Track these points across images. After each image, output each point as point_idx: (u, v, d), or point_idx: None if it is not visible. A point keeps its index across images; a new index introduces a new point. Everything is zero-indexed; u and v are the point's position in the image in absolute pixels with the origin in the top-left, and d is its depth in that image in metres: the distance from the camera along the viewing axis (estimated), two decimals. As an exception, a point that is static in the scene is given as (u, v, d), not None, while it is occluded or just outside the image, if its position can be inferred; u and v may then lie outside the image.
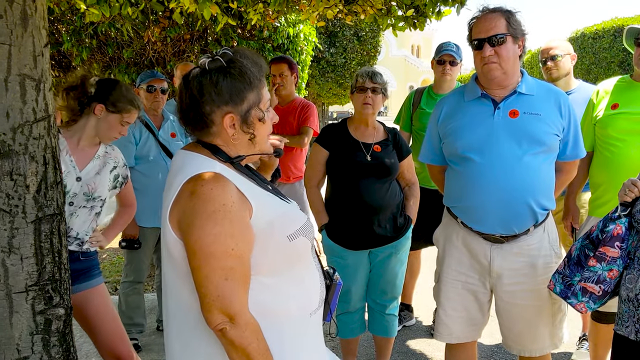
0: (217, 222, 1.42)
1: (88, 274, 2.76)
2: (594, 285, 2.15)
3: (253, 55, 1.61)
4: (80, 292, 2.67)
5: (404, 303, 4.37)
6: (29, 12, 1.93)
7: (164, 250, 1.57)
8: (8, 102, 1.90)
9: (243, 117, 1.56)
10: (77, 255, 2.70)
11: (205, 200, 1.43)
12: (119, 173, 2.88)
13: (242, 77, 1.54)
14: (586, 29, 16.75)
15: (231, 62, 1.55)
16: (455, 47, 4.15)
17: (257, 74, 1.57)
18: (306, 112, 4.43)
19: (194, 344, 1.53)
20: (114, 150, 2.90)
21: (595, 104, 3.13)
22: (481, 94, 2.53)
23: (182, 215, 1.45)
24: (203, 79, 1.54)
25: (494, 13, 2.44)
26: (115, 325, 2.80)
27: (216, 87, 1.52)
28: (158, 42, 5.79)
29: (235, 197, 1.47)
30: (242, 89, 1.54)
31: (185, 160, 1.56)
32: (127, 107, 2.73)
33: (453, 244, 2.65)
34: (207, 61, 1.55)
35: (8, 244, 1.93)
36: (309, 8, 4.07)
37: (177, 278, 1.53)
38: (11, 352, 1.97)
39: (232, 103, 1.54)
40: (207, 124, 1.56)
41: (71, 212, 2.67)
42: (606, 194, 2.98)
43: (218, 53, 1.57)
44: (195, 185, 1.45)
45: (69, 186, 2.63)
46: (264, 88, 1.62)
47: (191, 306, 1.50)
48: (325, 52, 15.30)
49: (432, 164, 2.83)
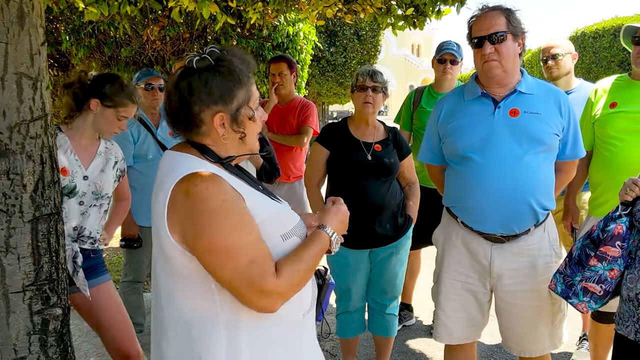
0: (224, 216, 1.41)
1: (96, 271, 2.79)
2: (595, 285, 2.14)
3: (241, 52, 1.59)
4: (89, 289, 2.68)
5: (404, 303, 4.36)
6: (25, 10, 1.92)
7: (158, 251, 1.54)
8: (4, 101, 1.89)
9: (233, 116, 1.54)
10: (88, 253, 2.73)
11: (203, 199, 1.41)
12: (119, 168, 2.91)
13: (231, 76, 1.53)
14: (586, 28, 16.76)
15: (220, 61, 1.53)
16: (456, 46, 4.14)
17: (245, 72, 1.56)
18: (306, 112, 4.42)
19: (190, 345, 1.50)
20: (114, 145, 2.91)
21: (594, 102, 3.12)
22: (481, 93, 2.52)
23: (182, 219, 1.43)
24: (192, 78, 1.52)
25: (494, 11, 2.43)
26: (124, 322, 2.81)
27: (206, 87, 1.50)
28: (157, 41, 5.78)
29: (231, 190, 1.46)
30: (232, 87, 1.53)
31: (175, 161, 1.54)
32: (123, 102, 2.69)
33: (453, 244, 2.64)
34: (194, 60, 1.53)
35: (5, 243, 1.92)
36: (308, 7, 4.05)
37: (170, 277, 1.52)
38: (8, 353, 1.96)
39: (222, 102, 1.52)
40: (196, 123, 1.54)
41: (82, 212, 2.70)
42: (605, 193, 2.97)
43: (205, 51, 1.55)
44: (189, 186, 1.43)
45: (78, 186, 2.65)
46: (253, 85, 1.60)
47: (182, 307, 1.49)
48: (325, 51, 15.29)
49: (432, 163, 2.82)
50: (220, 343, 1.46)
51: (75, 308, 2.77)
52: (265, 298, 1.41)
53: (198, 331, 1.48)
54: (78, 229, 2.69)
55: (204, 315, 1.48)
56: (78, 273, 2.62)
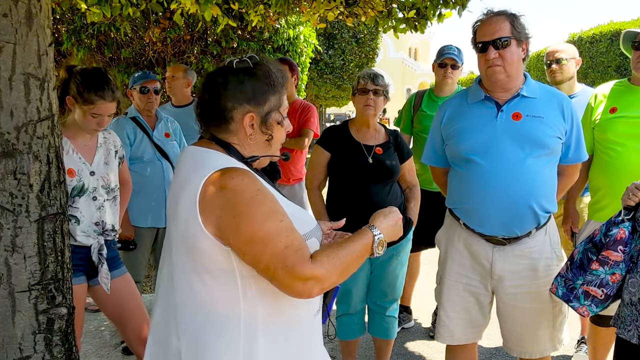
0: (261, 204, 1.44)
1: (116, 263, 2.83)
2: (596, 288, 2.16)
3: (277, 63, 1.67)
4: (114, 279, 2.74)
5: (403, 305, 4.37)
6: (34, 11, 1.94)
7: (180, 246, 1.53)
8: (12, 101, 1.90)
9: (263, 118, 1.59)
10: (109, 244, 2.78)
11: (240, 191, 1.44)
12: (119, 155, 2.94)
13: (266, 80, 1.59)
14: (583, 33, 16.80)
15: (257, 65, 1.60)
16: (457, 50, 4.16)
17: (280, 80, 1.62)
18: (306, 114, 4.43)
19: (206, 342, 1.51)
20: (111, 134, 2.93)
21: (594, 107, 3.14)
22: (484, 97, 2.54)
23: (218, 212, 1.44)
24: (230, 75, 1.58)
25: (499, 16, 2.45)
26: (142, 310, 2.87)
27: (241, 85, 1.56)
28: (158, 43, 5.79)
29: (262, 182, 1.51)
30: (266, 90, 1.59)
31: (202, 157, 1.57)
32: (90, 98, 2.60)
33: (455, 246, 2.66)
34: (235, 61, 1.60)
35: (11, 243, 1.93)
36: (309, 10, 4.07)
37: (192, 273, 1.51)
38: (13, 351, 1.96)
39: (254, 102, 1.57)
40: (226, 119, 1.58)
41: (98, 207, 2.73)
42: (605, 197, 2.99)
43: (245, 56, 1.61)
44: (224, 180, 1.45)
45: (86, 183, 2.67)
46: (285, 95, 1.66)
47: (202, 303, 1.50)
48: (324, 54, 15.32)
49: (435, 165, 2.84)
50: (238, 340, 1.48)
51: (96, 300, 2.82)
52: (302, 283, 1.43)
53: (216, 328, 1.48)
54: (100, 224, 2.73)
55: (224, 312, 1.49)
56: (102, 265, 2.66)
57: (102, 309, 2.88)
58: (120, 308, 2.79)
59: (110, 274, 2.71)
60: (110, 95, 2.66)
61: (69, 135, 2.68)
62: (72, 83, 2.64)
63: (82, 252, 2.67)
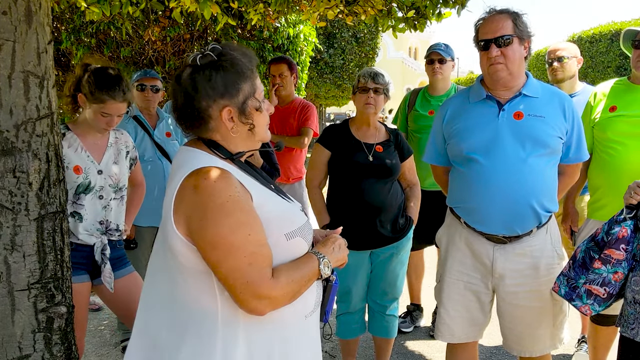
0: (229, 213, 1.42)
1: (122, 262, 2.84)
2: (599, 287, 2.15)
3: (241, 47, 1.62)
4: (120, 279, 2.74)
5: (414, 303, 4.38)
6: (33, 9, 1.93)
7: (160, 244, 1.55)
8: (11, 99, 1.89)
9: (240, 108, 1.56)
10: (114, 244, 2.78)
11: (211, 194, 1.42)
12: (131, 157, 2.93)
13: (234, 69, 1.54)
14: (583, 33, 16.79)
15: (222, 56, 1.55)
16: (444, 46, 4.16)
17: (248, 65, 1.58)
18: (306, 113, 4.42)
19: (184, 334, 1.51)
20: (123, 135, 2.92)
21: (593, 106, 3.13)
22: (486, 96, 2.54)
23: (189, 212, 1.44)
24: (196, 75, 1.53)
25: (501, 14, 2.45)
26: None
27: (210, 81, 1.52)
28: (158, 42, 5.79)
29: (239, 187, 1.47)
30: (236, 80, 1.55)
31: (186, 156, 1.56)
32: (101, 97, 2.61)
33: (456, 245, 2.65)
34: (197, 57, 1.55)
35: (11, 241, 1.92)
36: (309, 8, 4.06)
37: (172, 271, 1.53)
38: (13, 350, 1.96)
39: (227, 95, 1.54)
40: (204, 119, 1.55)
41: (104, 206, 2.73)
42: (605, 196, 2.99)
43: (207, 49, 1.56)
44: (197, 180, 1.44)
45: (93, 181, 2.67)
46: (257, 79, 1.62)
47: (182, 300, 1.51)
48: (324, 53, 15.31)
49: (436, 164, 2.83)
50: (216, 338, 1.47)
51: (102, 298, 2.82)
52: (256, 301, 1.43)
53: (195, 325, 1.48)
54: (105, 223, 2.73)
55: (201, 310, 1.49)
56: (105, 265, 2.66)
57: (110, 306, 2.90)
58: (126, 307, 2.79)
59: (116, 273, 2.71)
60: (121, 96, 2.66)
61: (79, 133, 2.68)
62: (85, 81, 2.64)
63: (85, 251, 2.67)
